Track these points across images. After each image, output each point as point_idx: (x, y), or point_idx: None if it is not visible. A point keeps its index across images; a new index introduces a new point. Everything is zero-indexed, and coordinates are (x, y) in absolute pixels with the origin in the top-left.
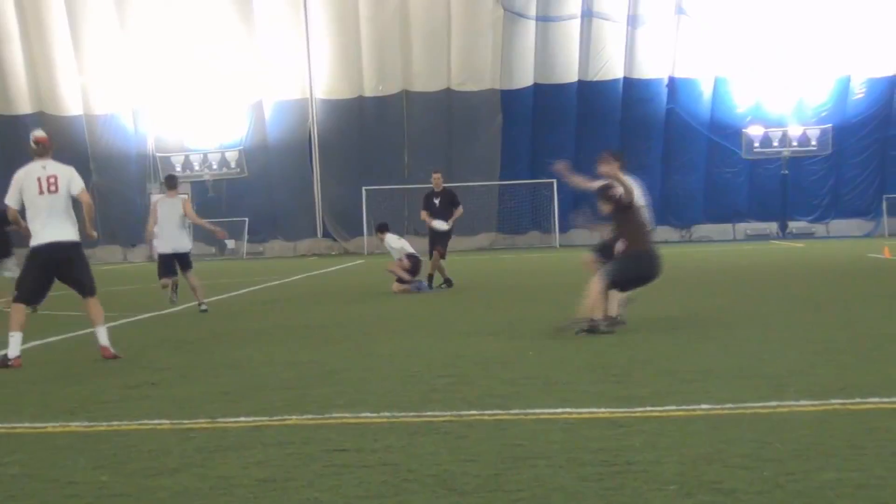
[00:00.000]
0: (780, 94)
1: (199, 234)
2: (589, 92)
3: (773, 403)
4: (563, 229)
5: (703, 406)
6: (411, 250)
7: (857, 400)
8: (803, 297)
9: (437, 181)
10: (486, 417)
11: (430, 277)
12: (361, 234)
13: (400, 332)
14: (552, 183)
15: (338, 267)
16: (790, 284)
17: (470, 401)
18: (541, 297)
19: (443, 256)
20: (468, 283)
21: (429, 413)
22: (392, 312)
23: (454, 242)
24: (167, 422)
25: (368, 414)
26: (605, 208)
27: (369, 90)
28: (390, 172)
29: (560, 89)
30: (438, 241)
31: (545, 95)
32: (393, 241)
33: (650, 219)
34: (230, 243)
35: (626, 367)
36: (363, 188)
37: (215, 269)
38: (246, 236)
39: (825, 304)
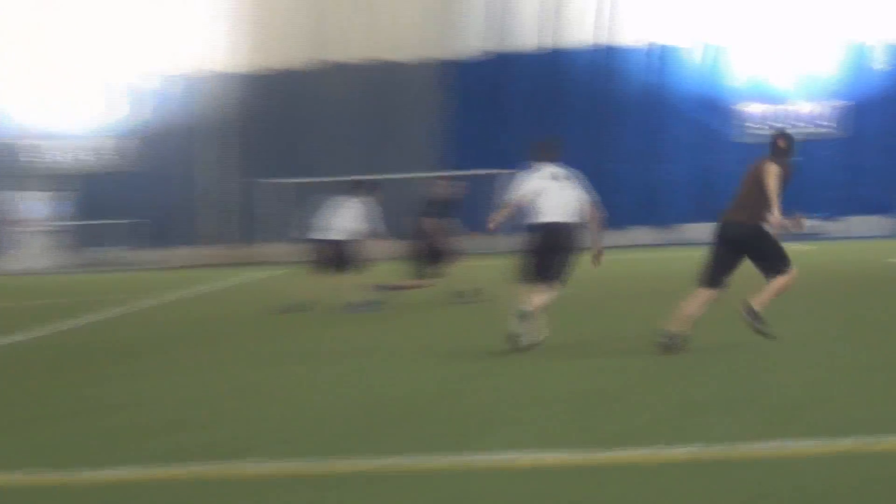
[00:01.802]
0: (785, 64)
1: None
2: (553, 63)
3: (775, 443)
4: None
5: (689, 447)
6: None
7: (878, 437)
8: (812, 313)
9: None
10: (407, 466)
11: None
12: (265, 239)
13: (318, 357)
14: (507, 173)
15: (234, 283)
16: (797, 296)
17: (390, 445)
18: (486, 312)
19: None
20: (401, 301)
21: (341, 461)
22: (308, 340)
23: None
24: None
25: (258, 464)
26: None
27: (278, 62)
28: (297, 162)
29: (515, 59)
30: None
31: (497, 67)
32: None
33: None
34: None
35: (596, 399)
36: (265, 181)
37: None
38: (121, 243)
39: (839, 322)
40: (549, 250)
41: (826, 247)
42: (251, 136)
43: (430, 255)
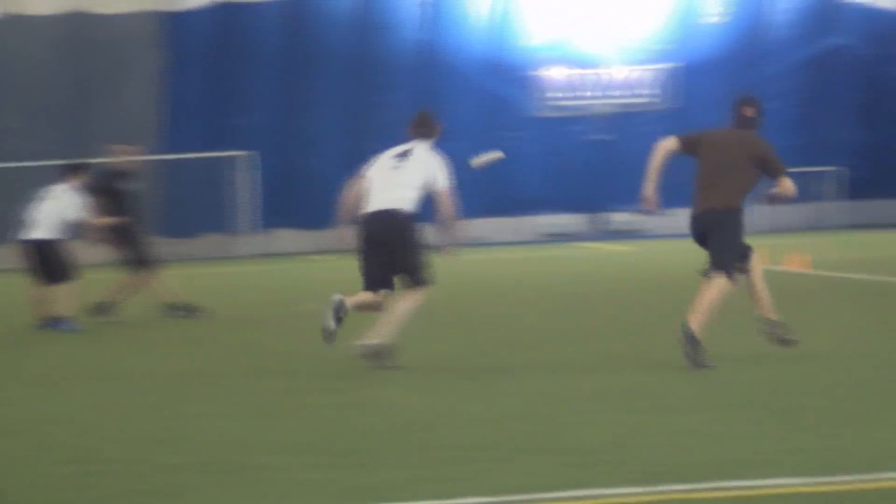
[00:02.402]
0: (595, 21)
1: None
2: (300, 14)
3: (578, 493)
4: (268, 225)
5: (469, 499)
6: None
7: (700, 486)
8: (619, 328)
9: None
10: None
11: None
12: None
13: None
14: (246, 157)
15: None
16: (605, 310)
17: None
18: (231, 335)
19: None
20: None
21: None
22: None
23: (94, 253)
24: None
25: None
26: None
27: None
28: None
29: (252, 10)
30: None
31: (230, 19)
32: None
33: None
34: None
35: (363, 440)
36: None
37: None
38: None
39: (651, 341)
40: (379, 245)
41: (647, 246)
42: None
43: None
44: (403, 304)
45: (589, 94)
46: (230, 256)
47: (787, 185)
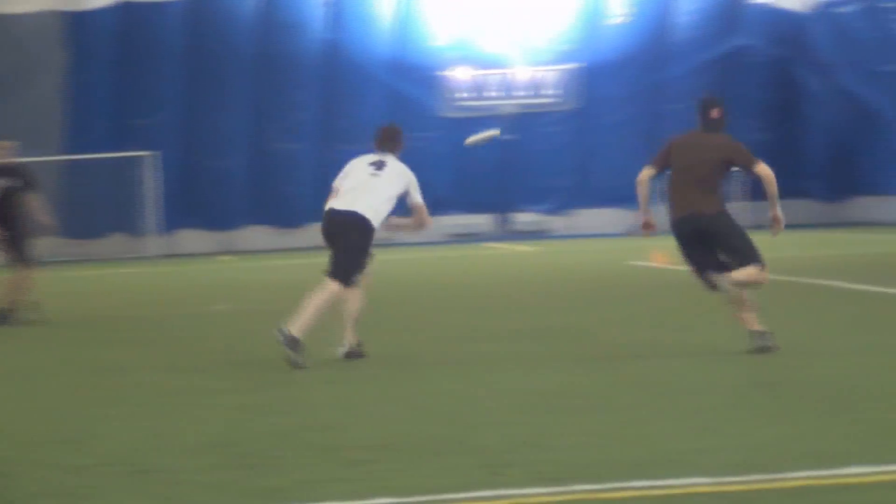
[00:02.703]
0: (498, 19)
1: None
2: (204, 14)
3: (488, 493)
4: (174, 226)
5: (378, 500)
6: None
7: (609, 485)
8: (527, 328)
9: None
10: None
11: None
12: None
13: None
14: (151, 157)
15: None
16: (512, 311)
17: None
18: (137, 336)
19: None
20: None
21: None
22: None
23: None
24: None
25: None
26: None
27: None
28: None
29: (157, 9)
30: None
31: (134, 19)
32: None
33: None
34: None
35: (271, 441)
36: None
37: None
38: None
39: (560, 341)
40: (336, 238)
41: (551, 247)
42: None
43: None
44: (319, 298)
45: (494, 94)
46: (136, 257)
47: (764, 170)
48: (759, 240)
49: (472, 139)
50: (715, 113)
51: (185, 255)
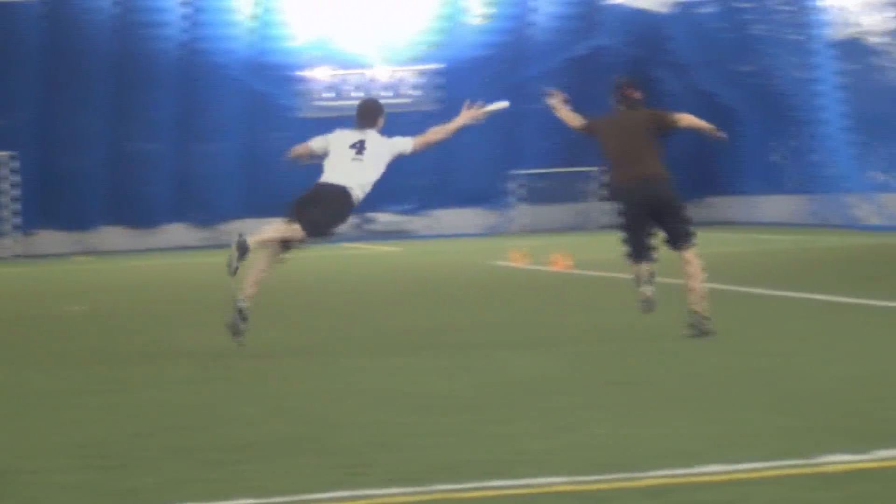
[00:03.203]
0: (357, 19)
1: None
2: (61, 13)
3: (347, 493)
4: (30, 226)
5: (236, 501)
6: None
7: (468, 485)
8: (387, 329)
9: None
10: None
11: None
12: None
13: None
14: (8, 157)
15: None
16: (372, 312)
17: None
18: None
19: None
20: None
21: None
22: None
23: None
24: None
25: None
26: None
27: None
28: None
29: (12, 9)
30: None
31: None
32: None
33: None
34: None
35: (130, 442)
36: None
37: None
38: None
39: (420, 341)
40: (317, 202)
41: (411, 247)
42: None
43: None
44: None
45: (353, 94)
46: None
47: (687, 119)
48: (616, 241)
49: (483, 110)
50: (633, 94)
51: (42, 256)
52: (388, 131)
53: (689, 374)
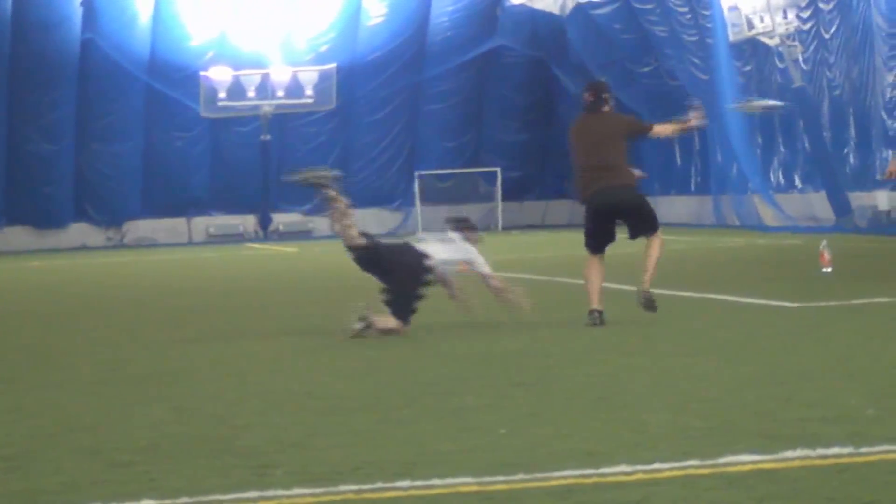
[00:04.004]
0: (256, 19)
1: None
2: None
3: (254, 494)
4: None
5: (143, 502)
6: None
7: (375, 486)
8: (291, 328)
9: None
10: None
11: None
12: None
13: None
14: None
15: None
16: (276, 311)
17: None
18: None
19: None
20: None
21: None
22: None
23: None
24: None
25: None
26: None
27: None
28: None
29: None
30: None
31: None
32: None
33: None
34: None
35: (32, 443)
36: None
37: None
38: None
39: (325, 340)
40: None
41: (314, 247)
42: None
43: None
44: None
45: (253, 94)
46: None
47: (658, 128)
48: (520, 241)
49: (747, 105)
50: (588, 96)
51: None
52: (288, 131)
53: (594, 374)
